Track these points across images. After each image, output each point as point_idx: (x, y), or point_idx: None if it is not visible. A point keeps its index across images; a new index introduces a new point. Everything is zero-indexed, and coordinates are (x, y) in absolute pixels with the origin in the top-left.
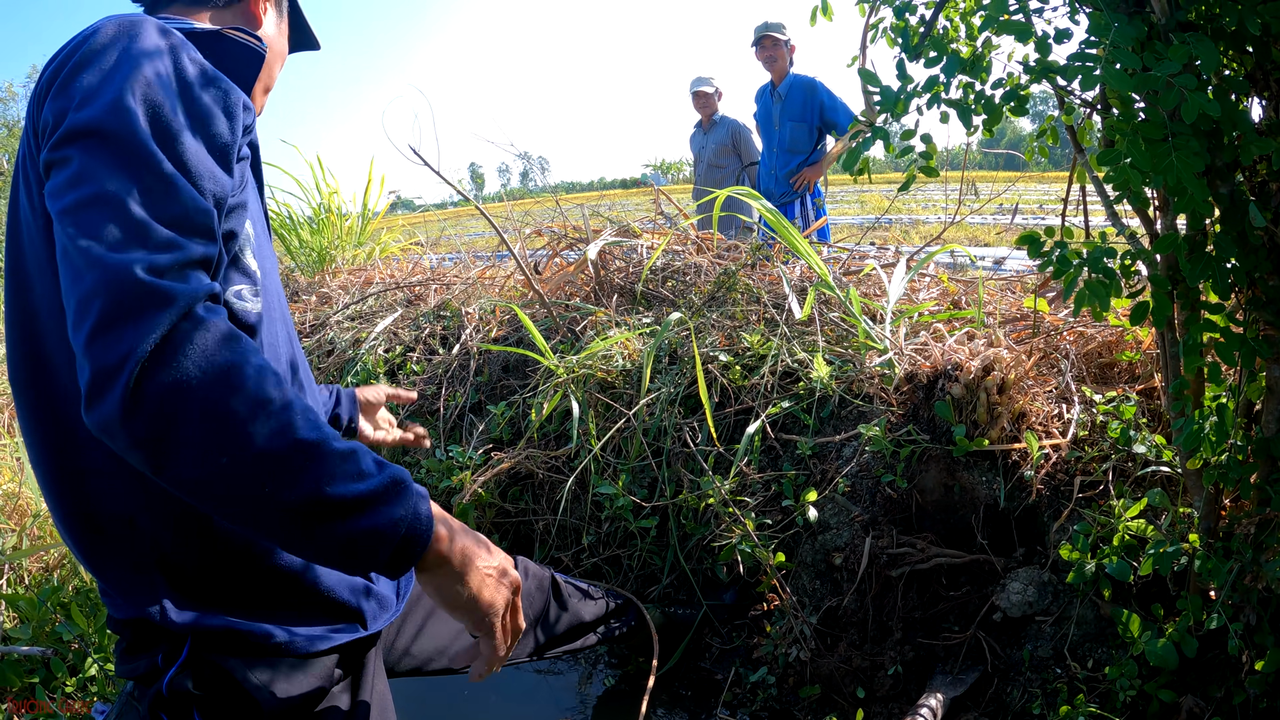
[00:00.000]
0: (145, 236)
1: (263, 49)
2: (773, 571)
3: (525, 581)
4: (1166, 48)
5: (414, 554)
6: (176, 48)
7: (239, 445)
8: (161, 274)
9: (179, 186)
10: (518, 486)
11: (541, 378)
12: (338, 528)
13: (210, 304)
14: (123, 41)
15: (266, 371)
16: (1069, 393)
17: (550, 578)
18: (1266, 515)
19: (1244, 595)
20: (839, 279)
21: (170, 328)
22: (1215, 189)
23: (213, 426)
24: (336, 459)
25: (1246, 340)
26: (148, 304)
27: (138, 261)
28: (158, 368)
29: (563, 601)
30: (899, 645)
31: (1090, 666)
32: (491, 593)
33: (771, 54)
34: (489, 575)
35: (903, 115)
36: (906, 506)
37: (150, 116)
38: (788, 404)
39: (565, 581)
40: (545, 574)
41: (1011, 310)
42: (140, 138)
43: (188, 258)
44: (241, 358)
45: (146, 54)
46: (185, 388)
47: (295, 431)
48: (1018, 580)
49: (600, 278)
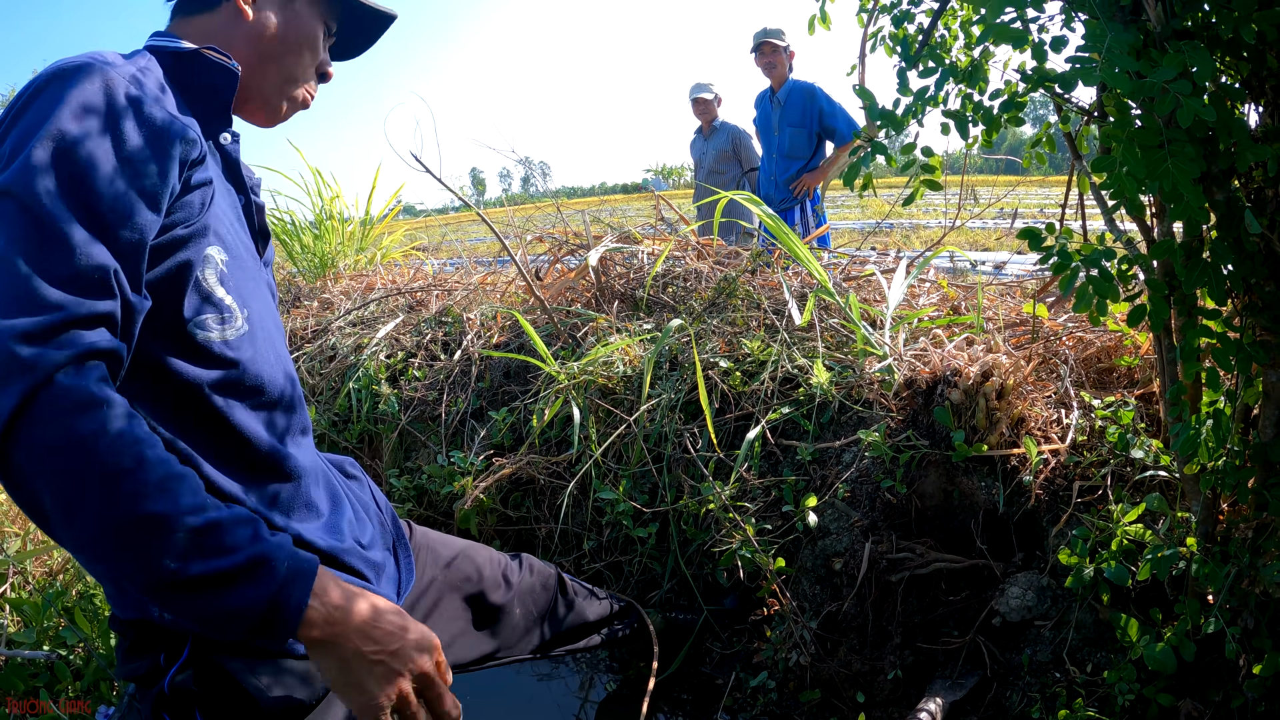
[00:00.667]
0: (26, 300)
1: (234, 68)
2: (773, 576)
3: (530, 578)
4: (1162, 55)
5: (276, 635)
6: (112, 92)
7: (86, 516)
8: (33, 339)
9: (73, 246)
10: (519, 492)
11: (543, 383)
12: (187, 601)
13: (84, 365)
14: (53, 94)
15: (124, 440)
16: (1068, 398)
17: (556, 575)
18: (1264, 520)
19: (1241, 599)
20: (839, 284)
21: (25, 397)
22: (1212, 195)
23: (61, 497)
24: (188, 534)
25: (1243, 345)
26: (10, 372)
27: (9, 329)
28: (12, 437)
29: (569, 600)
30: (899, 650)
31: (1089, 671)
32: (376, 683)
33: (771, 60)
34: (375, 663)
35: (903, 130)
36: (906, 512)
37: (62, 174)
38: (788, 410)
39: (571, 580)
40: (551, 571)
41: (1011, 315)
42: (40, 199)
43: (71, 317)
44: (97, 425)
45: (74, 107)
46: (36, 458)
47: (142, 504)
48: (1016, 585)
49: (601, 284)
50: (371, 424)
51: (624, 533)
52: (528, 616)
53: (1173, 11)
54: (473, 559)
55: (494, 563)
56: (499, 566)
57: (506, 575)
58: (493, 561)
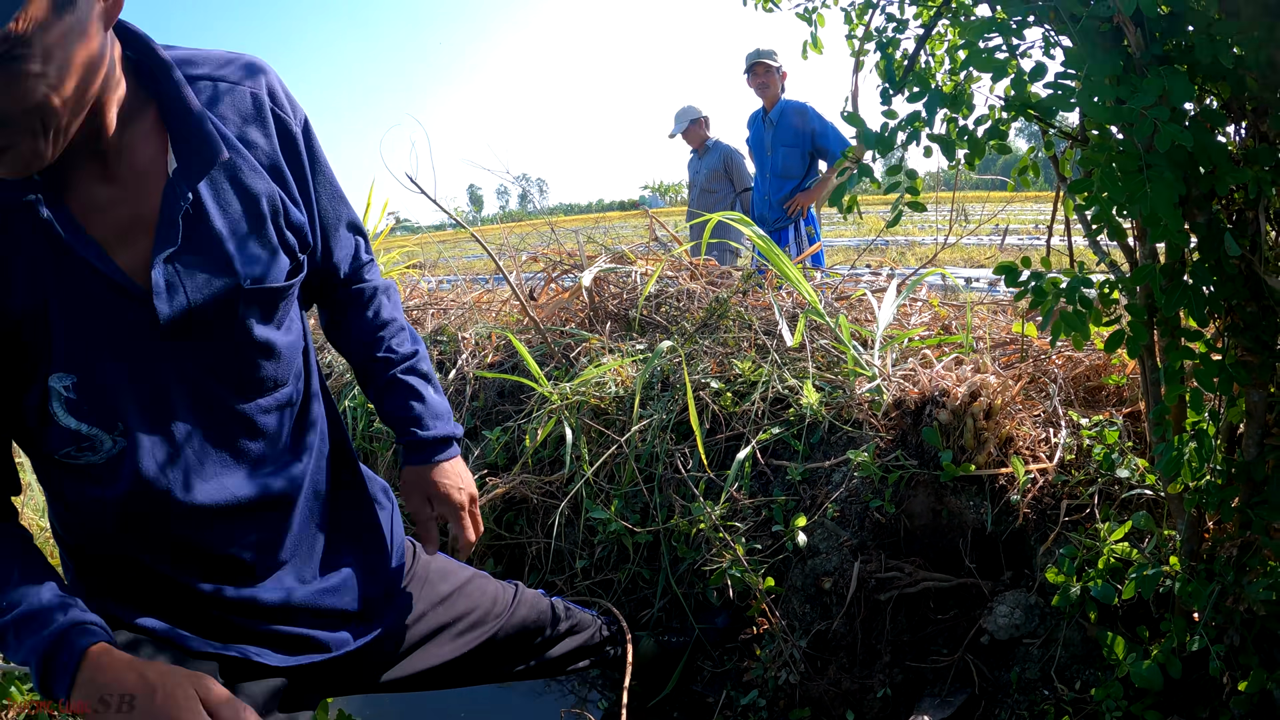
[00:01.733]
0: None
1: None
2: (762, 595)
3: (521, 611)
4: (1141, 80)
5: (49, 693)
6: None
7: None
8: None
9: None
10: (512, 511)
11: (535, 404)
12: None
13: None
14: None
15: None
16: (1056, 417)
17: (549, 605)
18: (1248, 538)
19: (1227, 617)
20: (831, 305)
21: None
22: (1193, 218)
23: None
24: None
25: (1225, 366)
26: None
27: None
28: None
29: (557, 631)
30: (888, 668)
31: (1078, 688)
32: None
33: (764, 81)
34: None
35: (889, 153)
36: (895, 531)
37: None
38: (778, 430)
39: (563, 608)
40: (545, 604)
41: (1002, 334)
42: None
43: None
44: None
45: None
46: None
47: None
48: (1005, 603)
49: (595, 304)
50: (367, 441)
51: (616, 551)
52: (516, 648)
53: (1153, 37)
54: (469, 595)
55: (488, 595)
56: (493, 598)
57: (499, 608)
58: (486, 593)
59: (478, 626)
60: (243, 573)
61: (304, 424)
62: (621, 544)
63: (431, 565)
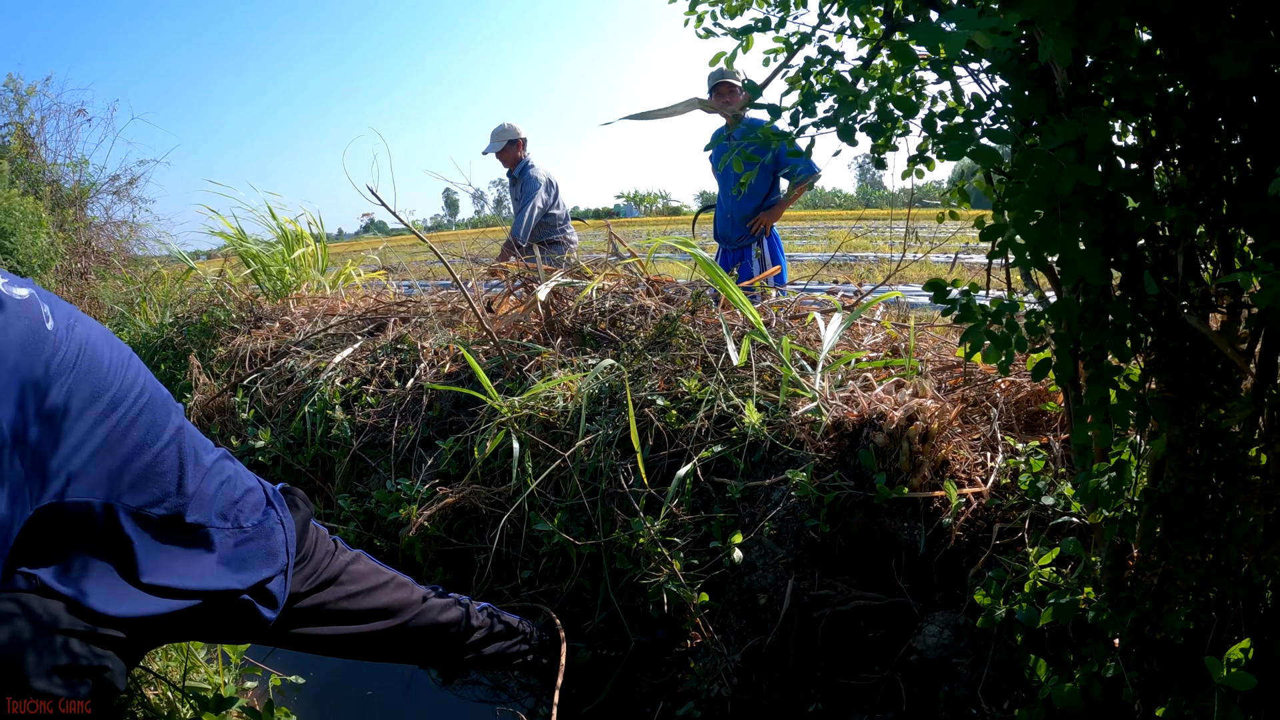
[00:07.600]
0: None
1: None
2: (696, 610)
3: (433, 612)
4: (1058, 123)
5: None
6: None
7: None
8: None
9: None
10: (461, 520)
11: (485, 416)
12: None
13: None
14: None
15: None
16: (995, 441)
17: (469, 609)
18: (1168, 567)
19: (1146, 644)
20: (783, 324)
21: None
22: (1116, 255)
23: None
24: None
25: (1144, 401)
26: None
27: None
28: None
29: (475, 629)
30: (820, 684)
31: (1005, 707)
32: None
33: (728, 100)
34: None
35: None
36: (830, 550)
37: None
38: (720, 448)
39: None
40: (456, 604)
41: (950, 357)
42: None
43: None
44: None
45: None
46: None
47: None
48: (934, 624)
49: (551, 318)
50: (325, 448)
51: (559, 563)
52: (432, 639)
53: (1079, 76)
54: (376, 601)
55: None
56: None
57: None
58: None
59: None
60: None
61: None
62: (565, 555)
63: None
